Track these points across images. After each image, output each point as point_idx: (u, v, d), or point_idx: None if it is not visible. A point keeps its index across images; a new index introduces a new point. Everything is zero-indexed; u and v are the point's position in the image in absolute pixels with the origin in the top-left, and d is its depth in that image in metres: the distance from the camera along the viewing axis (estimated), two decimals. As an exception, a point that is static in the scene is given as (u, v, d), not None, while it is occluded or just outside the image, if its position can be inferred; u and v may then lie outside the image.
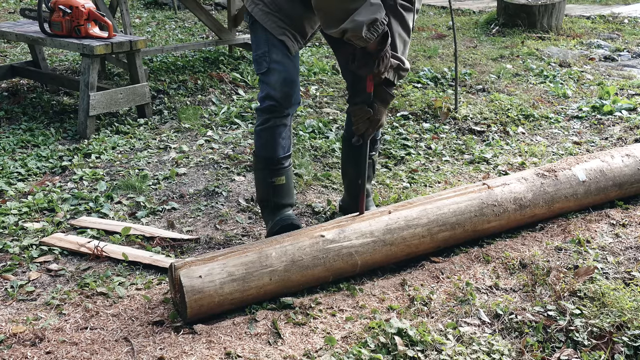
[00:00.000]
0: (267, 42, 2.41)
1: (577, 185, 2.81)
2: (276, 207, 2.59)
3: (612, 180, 2.89)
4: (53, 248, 2.63)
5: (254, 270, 2.15)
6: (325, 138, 3.91)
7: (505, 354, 1.97)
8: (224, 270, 2.11)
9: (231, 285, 2.10)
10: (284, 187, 2.57)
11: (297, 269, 2.22)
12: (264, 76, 2.45)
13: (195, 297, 2.05)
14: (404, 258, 2.47)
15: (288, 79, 2.42)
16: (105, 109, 4.06)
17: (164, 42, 6.73)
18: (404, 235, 2.41)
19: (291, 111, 2.50)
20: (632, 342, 2.00)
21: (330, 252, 2.27)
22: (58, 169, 3.49)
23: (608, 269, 2.44)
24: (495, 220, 2.62)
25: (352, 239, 2.32)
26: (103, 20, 4.10)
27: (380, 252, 2.37)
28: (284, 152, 2.53)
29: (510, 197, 2.65)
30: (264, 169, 2.55)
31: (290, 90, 2.44)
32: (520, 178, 2.75)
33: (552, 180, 2.76)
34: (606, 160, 2.94)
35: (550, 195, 2.74)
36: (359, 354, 1.92)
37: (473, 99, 4.69)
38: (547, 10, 7.08)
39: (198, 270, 2.08)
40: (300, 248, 2.24)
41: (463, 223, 2.53)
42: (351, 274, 2.36)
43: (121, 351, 1.97)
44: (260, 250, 2.20)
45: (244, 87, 5.03)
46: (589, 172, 2.85)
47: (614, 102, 4.49)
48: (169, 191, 3.23)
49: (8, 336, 2.03)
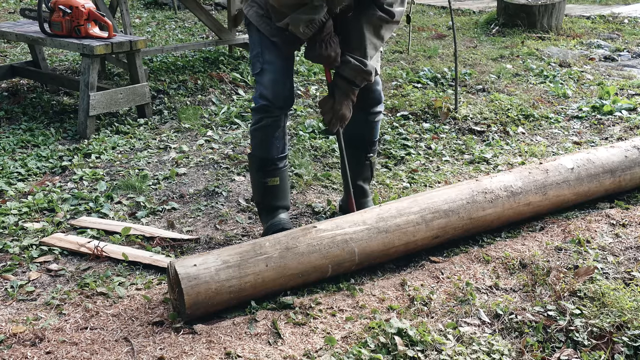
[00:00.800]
0: (261, 43, 2.49)
1: (566, 172, 2.86)
2: (270, 209, 2.62)
3: (601, 167, 2.94)
4: (53, 248, 2.63)
5: (249, 257, 2.18)
6: (325, 138, 3.91)
7: (505, 354, 1.97)
8: (219, 259, 2.15)
9: (227, 271, 2.12)
10: (278, 189, 2.59)
11: (293, 256, 2.24)
12: (257, 76, 2.51)
13: (191, 284, 2.06)
14: (403, 249, 2.47)
15: (280, 79, 2.47)
16: (105, 109, 4.06)
17: (164, 42, 6.73)
18: (398, 222, 2.44)
19: (284, 111, 2.53)
20: (632, 342, 2.00)
21: (324, 240, 2.30)
22: (58, 169, 3.49)
23: (608, 269, 2.44)
24: (490, 208, 2.64)
25: (344, 227, 2.36)
26: (103, 20, 4.10)
27: (377, 239, 2.38)
28: (278, 153, 2.56)
29: (500, 185, 2.71)
30: (258, 169, 2.59)
31: (281, 90, 2.48)
32: (507, 172, 2.87)
33: (540, 170, 2.83)
34: (591, 151, 3.05)
35: (541, 182, 2.78)
36: (359, 354, 1.92)
37: (473, 99, 4.69)
38: (547, 10, 7.08)
39: (192, 259, 2.13)
40: (293, 237, 2.28)
41: (457, 210, 2.56)
42: (351, 263, 2.35)
43: (121, 351, 1.97)
44: (254, 242, 2.25)
45: (244, 87, 5.03)
46: (575, 160, 2.93)
47: (614, 102, 4.49)
48: (169, 191, 3.23)
49: (8, 336, 2.03)
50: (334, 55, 2.37)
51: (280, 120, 2.54)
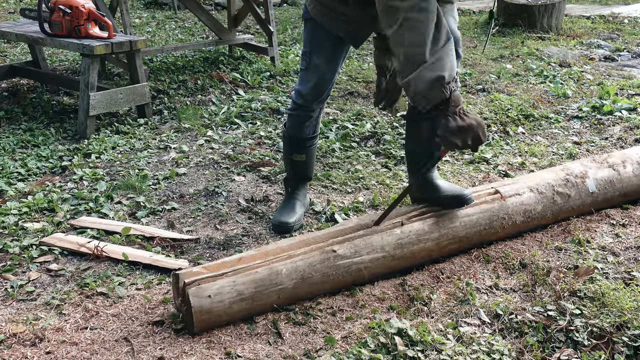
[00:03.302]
0: (312, 43, 2.54)
1: (586, 197, 2.79)
2: (294, 178, 2.87)
3: (619, 190, 2.88)
4: (53, 248, 2.63)
5: (264, 289, 2.10)
6: (325, 138, 3.91)
7: (505, 354, 1.97)
8: (234, 289, 2.05)
9: (240, 304, 2.07)
10: (303, 164, 2.82)
11: (306, 287, 2.19)
12: (302, 72, 2.61)
13: (203, 318, 2.02)
14: (407, 267, 2.45)
15: (321, 85, 2.57)
16: (105, 109, 4.06)
17: (164, 42, 6.73)
18: (414, 250, 2.39)
19: (317, 107, 2.68)
20: (632, 342, 2.00)
21: (340, 269, 2.24)
22: (58, 169, 3.49)
23: (608, 269, 2.44)
24: (502, 232, 2.61)
25: (362, 255, 2.28)
26: (103, 20, 4.10)
27: (388, 266, 2.36)
28: (308, 135, 2.75)
29: (521, 209, 2.61)
30: (289, 144, 2.79)
31: (319, 93, 2.60)
32: (532, 189, 2.67)
33: (563, 193, 2.72)
34: (618, 169, 2.89)
35: (559, 207, 2.72)
36: (359, 354, 1.92)
37: (473, 99, 4.69)
38: (547, 10, 7.08)
39: (207, 289, 2.02)
40: (310, 264, 2.18)
41: (472, 237, 2.52)
42: (353, 284, 2.35)
43: (121, 351, 1.97)
44: (271, 267, 2.13)
45: (244, 87, 5.03)
46: (598, 182, 2.82)
47: (614, 102, 4.49)
48: (169, 191, 3.23)
49: (8, 336, 2.03)
50: (475, 123, 2.06)
51: (314, 113, 2.69)
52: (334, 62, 2.54)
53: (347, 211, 2.95)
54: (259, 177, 3.38)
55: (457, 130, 2.05)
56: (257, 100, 4.63)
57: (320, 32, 2.50)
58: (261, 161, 3.55)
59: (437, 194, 2.47)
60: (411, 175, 2.60)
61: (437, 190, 2.48)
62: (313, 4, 2.48)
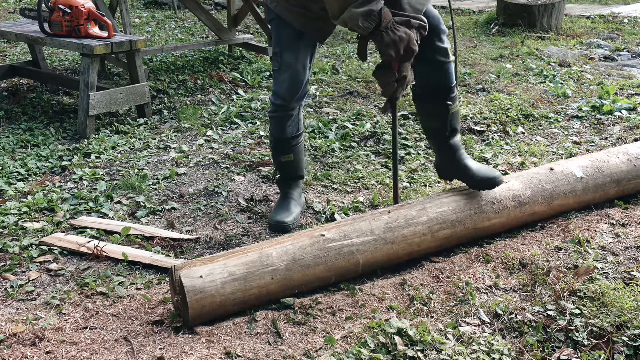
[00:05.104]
0: (281, 43, 2.60)
1: (575, 182, 2.82)
2: (285, 179, 2.91)
3: (609, 177, 2.90)
4: (53, 248, 2.63)
5: (256, 269, 2.15)
6: (325, 138, 3.91)
7: (505, 354, 1.97)
8: (225, 270, 2.11)
9: (233, 285, 2.10)
10: (292, 164, 2.87)
11: (299, 268, 2.22)
12: (275, 74, 2.68)
13: (196, 298, 2.04)
14: (406, 258, 2.47)
15: (295, 82, 2.64)
16: (105, 109, 4.07)
17: (164, 42, 6.73)
18: (405, 233, 2.42)
19: (297, 105, 2.75)
20: (632, 342, 2.00)
21: (332, 251, 2.28)
22: (58, 169, 3.49)
23: (608, 269, 2.44)
24: (496, 218, 2.62)
25: (352, 238, 2.33)
26: (103, 20, 4.10)
27: (382, 250, 2.37)
28: (292, 134, 2.80)
29: (509, 194, 2.66)
30: (275, 147, 2.86)
31: (296, 92, 2.67)
32: (517, 176, 2.78)
33: (550, 179, 2.77)
34: (603, 159, 2.97)
35: (549, 192, 2.75)
36: (359, 354, 1.92)
37: (473, 99, 4.69)
38: (547, 10, 7.07)
39: (199, 270, 2.08)
40: (301, 247, 2.24)
41: (464, 221, 2.54)
42: (354, 274, 2.36)
43: (121, 351, 1.97)
44: (261, 250, 2.20)
45: (244, 87, 5.03)
46: (585, 169, 2.88)
47: (614, 102, 4.49)
48: (169, 191, 3.23)
49: (8, 336, 2.03)
50: (405, 36, 2.25)
51: (294, 111, 2.76)
52: (305, 57, 2.62)
53: (347, 211, 2.95)
54: (259, 177, 3.38)
55: (391, 42, 2.25)
56: (257, 100, 4.63)
57: (288, 30, 2.57)
58: (261, 161, 3.55)
59: (469, 173, 2.59)
60: (438, 153, 2.70)
61: (468, 170, 2.60)
62: (276, 1, 2.55)
